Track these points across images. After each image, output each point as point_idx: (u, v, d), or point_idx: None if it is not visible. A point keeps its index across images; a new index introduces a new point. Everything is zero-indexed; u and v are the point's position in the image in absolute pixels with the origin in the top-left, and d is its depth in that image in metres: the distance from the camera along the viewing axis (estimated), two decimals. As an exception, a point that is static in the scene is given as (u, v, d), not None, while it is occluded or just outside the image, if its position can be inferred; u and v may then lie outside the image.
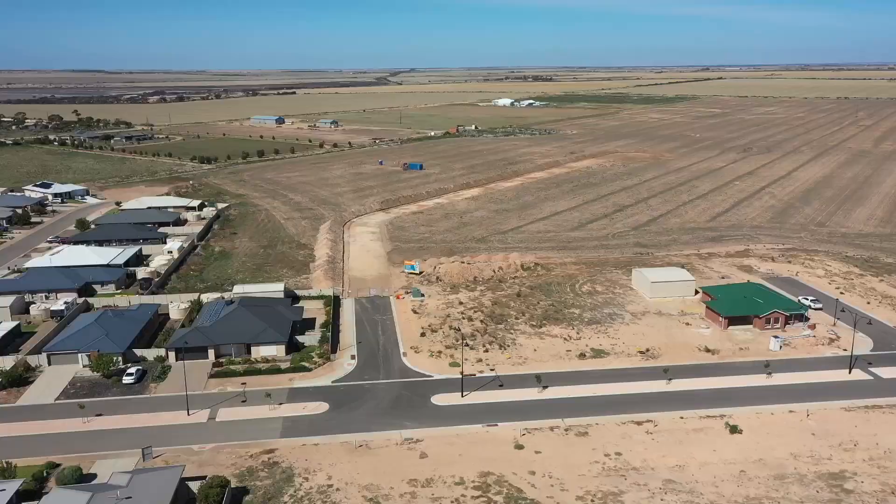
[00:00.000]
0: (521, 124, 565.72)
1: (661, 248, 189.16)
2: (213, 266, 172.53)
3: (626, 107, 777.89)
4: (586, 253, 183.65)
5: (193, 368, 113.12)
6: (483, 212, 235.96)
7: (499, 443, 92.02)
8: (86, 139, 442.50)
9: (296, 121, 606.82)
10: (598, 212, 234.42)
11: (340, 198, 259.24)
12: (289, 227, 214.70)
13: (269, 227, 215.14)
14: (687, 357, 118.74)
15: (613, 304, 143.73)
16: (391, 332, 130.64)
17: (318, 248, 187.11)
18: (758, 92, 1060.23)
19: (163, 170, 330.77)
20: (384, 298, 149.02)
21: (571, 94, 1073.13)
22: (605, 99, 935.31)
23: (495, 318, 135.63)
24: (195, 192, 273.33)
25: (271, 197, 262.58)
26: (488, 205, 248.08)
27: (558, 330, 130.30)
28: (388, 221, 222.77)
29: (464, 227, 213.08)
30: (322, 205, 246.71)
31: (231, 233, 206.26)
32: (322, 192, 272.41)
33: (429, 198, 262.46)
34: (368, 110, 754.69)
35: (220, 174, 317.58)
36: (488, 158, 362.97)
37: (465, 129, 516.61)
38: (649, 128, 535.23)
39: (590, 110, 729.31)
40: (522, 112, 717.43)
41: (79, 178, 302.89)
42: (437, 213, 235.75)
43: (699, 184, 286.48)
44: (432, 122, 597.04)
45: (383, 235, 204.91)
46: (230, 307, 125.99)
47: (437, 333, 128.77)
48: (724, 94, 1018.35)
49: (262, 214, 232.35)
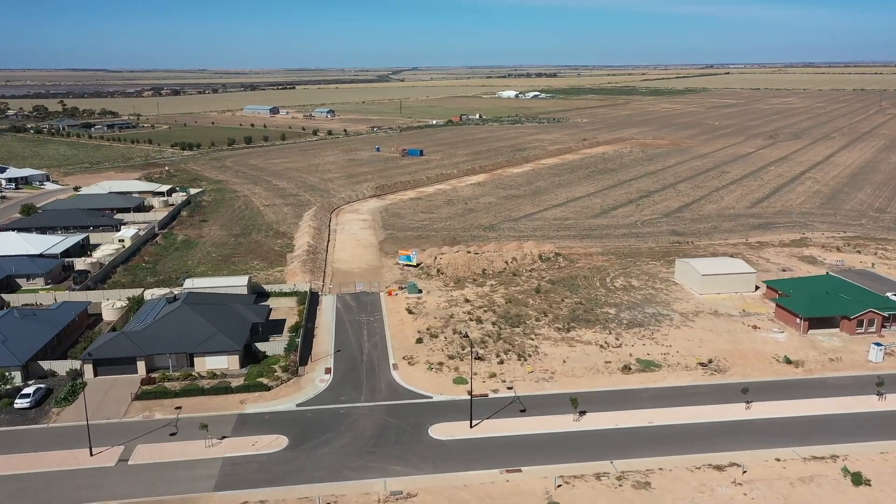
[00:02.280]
0: (528, 114, 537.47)
1: (702, 236, 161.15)
2: (172, 257, 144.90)
3: (636, 98, 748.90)
4: (614, 241, 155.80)
5: (116, 386, 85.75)
6: (491, 198, 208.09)
7: (524, 497, 64.43)
8: (64, 127, 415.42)
9: (291, 111, 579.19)
10: (622, 198, 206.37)
11: (330, 184, 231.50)
12: (268, 214, 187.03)
13: (245, 214, 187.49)
14: (763, 371, 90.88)
15: (656, 302, 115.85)
16: (379, 337, 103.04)
17: (298, 237, 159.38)
18: (768, 85, 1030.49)
19: (139, 156, 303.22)
20: (373, 295, 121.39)
21: (577, 87, 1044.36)
22: (612, 91, 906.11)
23: (511, 320, 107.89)
24: (170, 178, 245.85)
25: (253, 183, 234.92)
26: (496, 191, 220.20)
27: (591, 334, 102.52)
28: (383, 208, 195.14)
29: (469, 214, 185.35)
30: (309, 191, 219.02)
31: (200, 220, 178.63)
32: (311, 178, 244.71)
33: (429, 184, 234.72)
34: (368, 102, 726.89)
35: (200, 160, 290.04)
36: (494, 145, 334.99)
37: (468, 118, 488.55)
38: (663, 116, 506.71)
39: (598, 101, 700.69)
40: (528, 103, 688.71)
41: (45, 164, 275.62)
42: (439, 199, 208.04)
43: (729, 169, 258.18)
44: (434, 112, 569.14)
45: (376, 223, 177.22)
46: (171, 306, 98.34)
47: (437, 339, 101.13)
48: (734, 87, 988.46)
49: (240, 201, 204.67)
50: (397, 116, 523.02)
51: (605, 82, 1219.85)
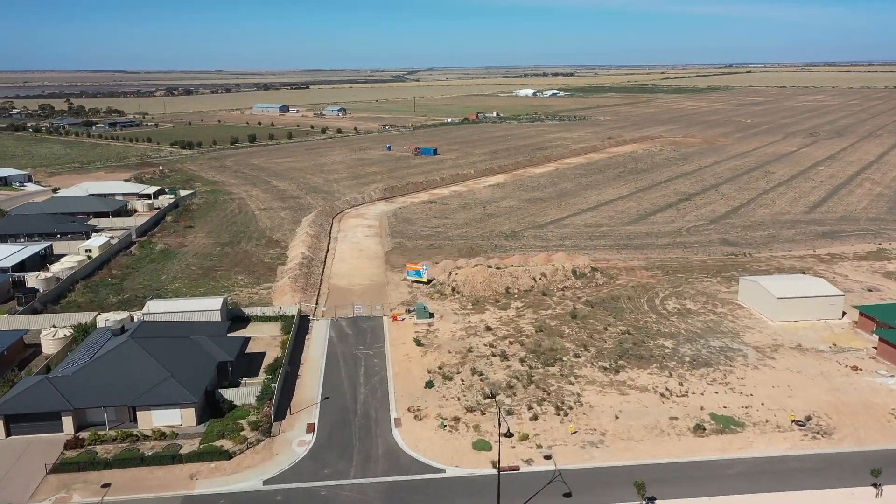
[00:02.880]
0: (547, 112, 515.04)
1: (759, 246, 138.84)
2: (145, 270, 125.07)
3: (658, 96, 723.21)
4: (657, 253, 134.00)
5: (31, 451, 65.78)
6: (512, 201, 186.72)
7: None
8: (64, 126, 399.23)
9: (302, 110, 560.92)
10: (660, 201, 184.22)
11: (335, 185, 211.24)
12: (262, 219, 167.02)
13: (237, 219, 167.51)
14: (882, 433, 69.01)
15: (722, 332, 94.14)
16: (379, 378, 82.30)
17: (293, 247, 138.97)
18: (794, 83, 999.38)
19: (135, 155, 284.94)
20: (374, 320, 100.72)
21: (596, 85, 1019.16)
22: (632, 89, 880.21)
23: (544, 356, 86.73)
24: (163, 178, 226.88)
25: (251, 184, 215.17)
26: (518, 193, 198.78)
27: (647, 377, 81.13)
28: (391, 213, 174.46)
29: (489, 220, 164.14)
30: (311, 193, 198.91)
31: (186, 226, 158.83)
32: (314, 178, 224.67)
33: (443, 185, 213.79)
34: (381, 101, 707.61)
35: (199, 160, 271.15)
36: (513, 144, 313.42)
37: (485, 116, 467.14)
38: (689, 114, 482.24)
39: (619, 99, 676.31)
40: (546, 101, 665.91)
41: (34, 164, 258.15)
42: (454, 202, 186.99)
43: (774, 169, 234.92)
44: (449, 110, 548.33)
45: (383, 230, 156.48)
46: (116, 341, 78.13)
47: (451, 382, 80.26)
48: (758, 85, 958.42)
49: (234, 204, 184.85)
50: (411, 114, 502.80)
51: (624, 81, 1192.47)
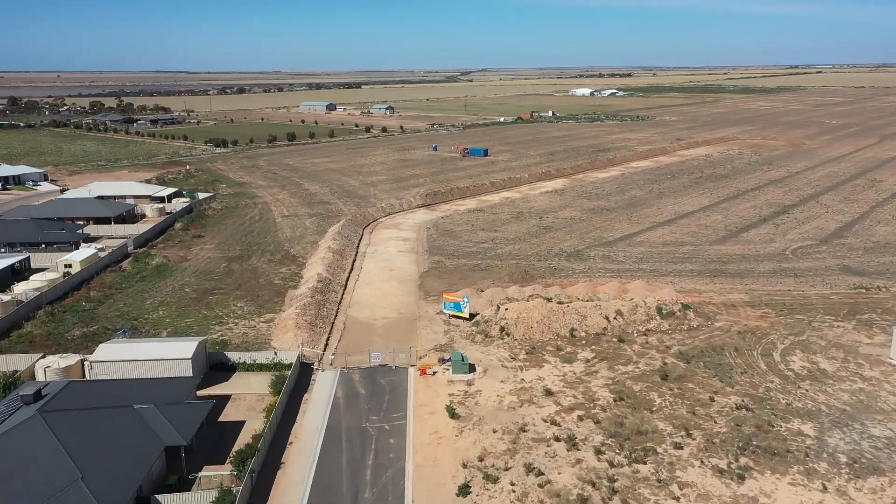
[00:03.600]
0: (607, 111, 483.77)
1: (894, 276, 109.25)
2: (130, 291, 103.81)
3: (724, 96, 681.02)
4: (760, 283, 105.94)
5: None
6: (573, 211, 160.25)
7: None
8: (105, 122, 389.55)
9: (349, 108, 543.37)
10: (751, 213, 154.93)
11: (372, 188, 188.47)
12: (284, 228, 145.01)
13: (254, 227, 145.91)
14: None
15: (883, 412, 66.53)
16: (394, 474, 57.82)
17: (310, 265, 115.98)
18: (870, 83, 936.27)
19: (166, 153, 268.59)
20: (396, 373, 76.55)
21: (656, 85, 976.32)
22: (695, 89, 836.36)
23: (629, 442, 60.91)
24: (187, 178, 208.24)
25: (280, 187, 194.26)
26: (579, 201, 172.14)
27: (787, 490, 54.48)
28: (432, 223, 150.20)
29: (546, 234, 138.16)
30: (344, 197, 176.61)
31: (195, 235, 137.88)
32: (351, 181, 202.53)
33: (493, 190, 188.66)
34: (432, 100, 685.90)
35: (230, 159, 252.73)
36: (571, 145, 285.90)
37: (540, 115, 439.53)
38: (764, 115, 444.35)
39: (683, 99, 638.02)
40: (605, 101, 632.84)
41: (60, 161, 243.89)
42: (505, 211, 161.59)
43: (881, 176, 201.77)
44: (502, 109, 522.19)
45: (420, 244, 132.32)
46: (21, 415, 55.77)
47: (497, 487, 55.21)
48: (833, 85, 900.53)
49: (256, 209, 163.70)
50: (461, 113, 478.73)
51: (685, 81, 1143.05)
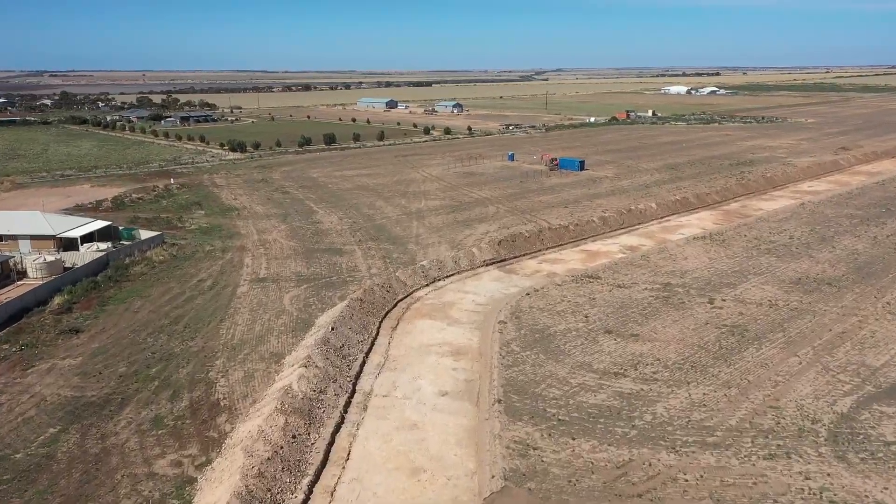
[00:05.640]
0: (717, 111, 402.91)
1: None
2: None
3: (851, 95, 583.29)
4: None
5: None
6: (763, 284, 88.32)
7: None
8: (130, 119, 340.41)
9: (411, 106, 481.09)
10: None
11: (417, 223, 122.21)
12: (242, 310, 79.82)
13: (191, 309, 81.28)
14: None
15: None
16: None
17: (233, 446, 49.86)
18: None
19: (165, 158, 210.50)
20: None
21: (758, 83, 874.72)
22: (809, 87, 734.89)
23: None
24: (163, 198, 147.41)
25: (281, 217, 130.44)
26: (761, 259, 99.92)
27: None
28: (511, 308, 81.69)
29: (742, 354, 67.37)
30: (369, 240, 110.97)
31: (68, 329, 74.48)
32: (388, 207, 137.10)
33: (607, 232, 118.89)
34: (506, 97, 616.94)
35: (239, 168, 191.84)
36: (694, 154, 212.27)
37: (638, 115, 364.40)
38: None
39: (802, 98, 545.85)
40: (706, 100, 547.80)
41: (25, 168, 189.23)
42: (638, 280, 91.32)
43: None
44: (588, 108, 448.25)
45: (485, 373, 64.31)
46: None
47: None
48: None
49: (219, 263, 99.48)
50: (541, 113, 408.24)
51: (789, 80, 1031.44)
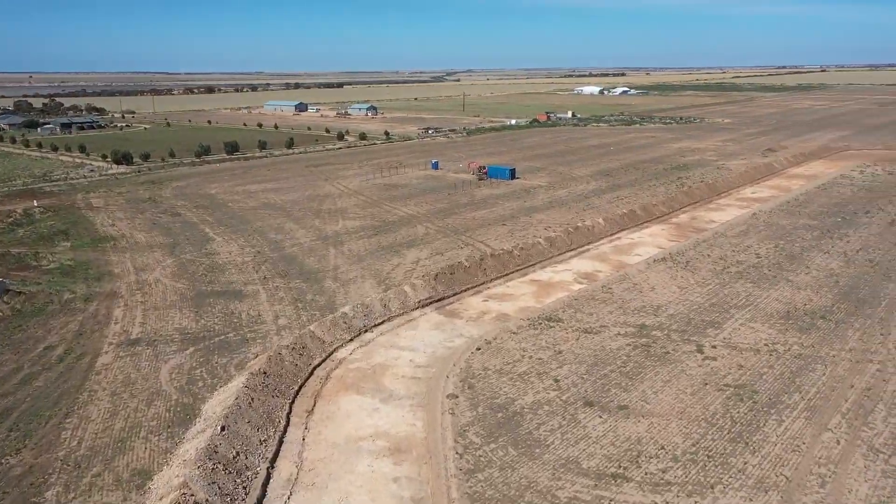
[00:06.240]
0: (634, 112, 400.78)
1: None
2: None
3: (752, 95, 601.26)
4: None
5: None
6: (751, 322, 74.83)
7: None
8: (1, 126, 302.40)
9: (323, 108, 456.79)
10: None
11: (335, 251, 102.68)
12: (94, 402, 58.52)
13: (15, 406, 59.23)
14: None
15: None
16: None
17: None
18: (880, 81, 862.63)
19: (34, 174, 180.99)
20: None
21: (663, 84, 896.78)
22: (713, 87, 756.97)
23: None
24: (15, 227, 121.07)
25: (168, 247, 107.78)
26: (738, 286, 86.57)
27: None
28: (461, 369, 63.96)
29: (738, 406, 52.52)
30: (277, 276, 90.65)
31: None
32: (299, 231, 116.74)
33: (556, 255, 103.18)
34: (420, 99, 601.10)
35: (123, 184, 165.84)
36: (626, 159, 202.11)
37: (558, 117, 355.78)
38: (835, 115, 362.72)
39: (708, 98, 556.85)
40: (619, 100, 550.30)
41: None
42: (604, 314, 75.58)
43: None
44: (507, 109, 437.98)
45: (443, 485, 46.35)
46: None
47: None
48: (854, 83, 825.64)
49: (79, 317, 76.60)
50: (460, 115, 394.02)
51: (692, 80, 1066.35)
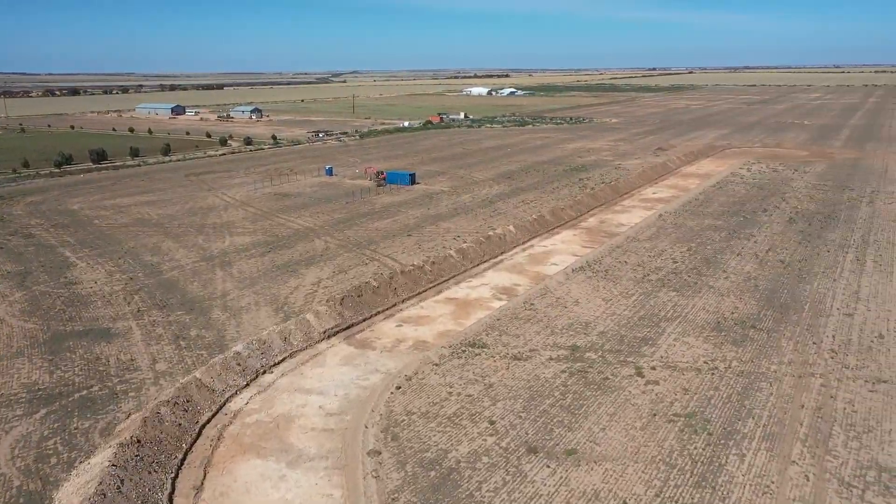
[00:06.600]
0: (525, 113, 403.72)
1: None
2: None
3: (632, 95, 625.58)
4: None
5: None
6: (683, 336, 70.23)
7: None
8: None
9: (203, 111, 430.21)
10: None
11: (222, 274, 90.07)
12: None
13: None
14: None
15: None
16: None
17: None
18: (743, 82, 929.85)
19: None
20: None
21: (548, 85, 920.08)
22: (595, 88, 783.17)
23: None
24: None
25: (16, 281, 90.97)
26: (655, 293, 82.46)
27: None
28: (380, 418, 54.50)
29: (694, 441, 46.70)
30: (153, 309, 77.37)
31: None
32: (180, 251, 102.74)
33: (469, 268, 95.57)
34: (308, 100, 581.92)
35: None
36: (524, 160, 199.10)
37: (451, 118, 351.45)
38: (712, 114, 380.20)
39: (593, 99, 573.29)
40: (508, 101, 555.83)
41: None
42: (531, 336, 68.45)
43: None
44: (398, 111, 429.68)
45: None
46: None
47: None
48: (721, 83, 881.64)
49: None
50: (350, 117, 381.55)
51: (573, 81, 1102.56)
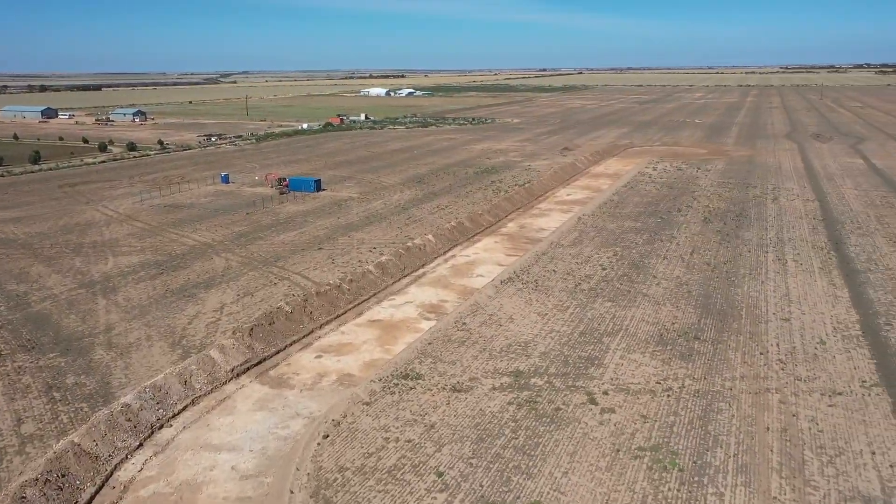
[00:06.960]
0: (426, 113, 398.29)
1: None
2: None
3: (529, 95, 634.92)
4: None
5: None
6: (629, 353, 65.54)
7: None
8: None
9: (79, 114, 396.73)
10: None
11: (101, 302, 77.60)
12: None
13: None
14: None
15: None
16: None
17: None
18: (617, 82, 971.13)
19: None
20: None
21: (445, 85, 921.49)
22: (491, 88, 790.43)
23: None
24: None
25: None
26: (590, 304, 77.82)
27: None
28: (308, 478, 45.52)
29: (666, 480, 41.62)
30: (18, 352, 64.50)
31: None
32: (52, 277, 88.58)
33: (389, 284, 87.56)
34: (196, 102, 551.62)
35: None
36: (433, 163, 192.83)
37: (352, 120, 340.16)
38: (607, 114, 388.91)
39: (490, 99, 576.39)
40: (408, 101, 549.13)
41: None
42: (468, 362, 61.61)
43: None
44: (296, 113, 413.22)
45: None
46: None
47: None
48: (610, 84, 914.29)
49: None
50: (244, 119, 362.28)
51: (470, 81, 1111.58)
